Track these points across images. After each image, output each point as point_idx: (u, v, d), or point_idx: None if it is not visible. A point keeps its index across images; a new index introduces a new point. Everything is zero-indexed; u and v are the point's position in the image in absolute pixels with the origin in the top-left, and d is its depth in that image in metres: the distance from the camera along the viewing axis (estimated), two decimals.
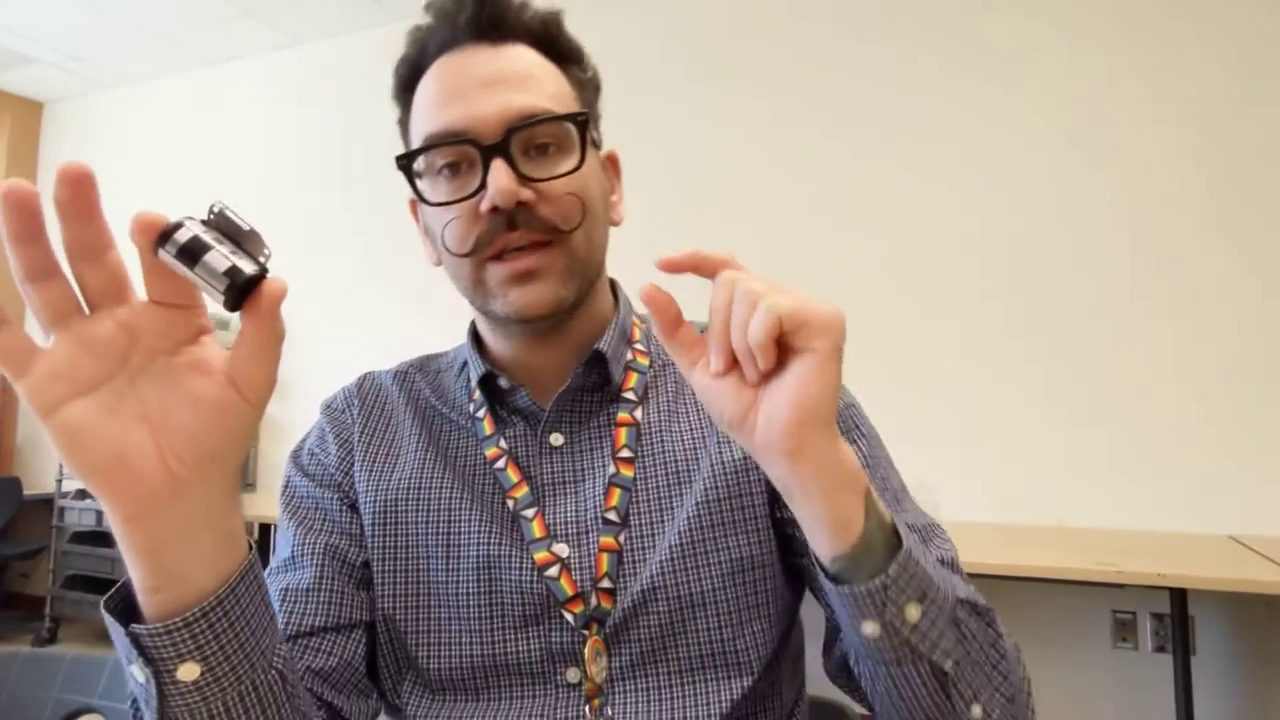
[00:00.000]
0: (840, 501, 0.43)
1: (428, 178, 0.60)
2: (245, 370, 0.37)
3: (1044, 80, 2.41)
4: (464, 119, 0.57)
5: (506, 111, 0.57)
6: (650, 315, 0.44)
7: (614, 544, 0.60)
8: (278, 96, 3.73)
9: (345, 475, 0.65)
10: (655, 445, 0.63)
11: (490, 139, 0.56)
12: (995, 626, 0.53)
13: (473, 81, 0.58)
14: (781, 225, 2.71)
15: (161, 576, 0.38)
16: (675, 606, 0.58)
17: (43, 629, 3.44)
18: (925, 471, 2.29)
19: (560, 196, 0.58)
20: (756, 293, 0.41)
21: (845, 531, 0.44)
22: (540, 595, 0.59)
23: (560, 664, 0.58)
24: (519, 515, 0.61)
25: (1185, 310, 2.22)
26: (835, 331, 0.41)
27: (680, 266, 0.43)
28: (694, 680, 0.58)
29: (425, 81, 0.61)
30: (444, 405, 0.68)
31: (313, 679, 0.57)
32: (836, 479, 0.43)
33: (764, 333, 0.40)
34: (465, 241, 0.58)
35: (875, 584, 0.44)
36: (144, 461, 0.35)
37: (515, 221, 0.57)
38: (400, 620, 0.61)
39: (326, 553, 0.62)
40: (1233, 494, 2.12)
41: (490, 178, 0.55)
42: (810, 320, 0.40)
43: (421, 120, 0.60)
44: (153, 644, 0.39)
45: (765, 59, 2.79)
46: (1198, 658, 2.02)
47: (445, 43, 0.61)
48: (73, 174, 0.32)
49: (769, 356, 0.41)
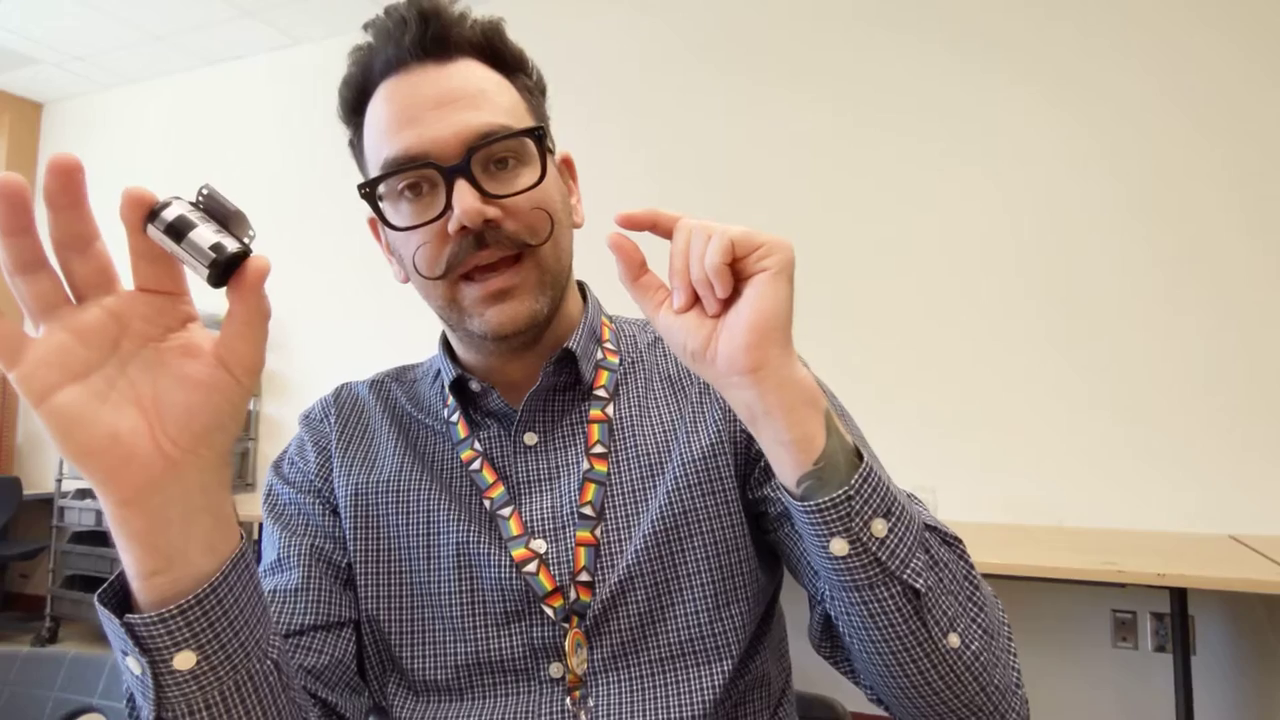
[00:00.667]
0: (801, 419, 0.46)
1: (389, 201, 0.60)
2: (234, 348, 0.37)
3: (1070, 76, 2.41)
4: (422, 142, 0.57)
5: (464, 131, 0.57)
6: (616, 261, 0.48)
7: (590, 538, 0.61)
8: (278, 96, 3.73)
9: (325, 482, 0.67)
10: (627, 440, 0.65)
11: (450, 160, 0.57)
12: (966, 559, 0.54)
13: (426, 103, 0.58)
14: (797, 217, 2.71)
15: (159, 559, 0.39)
16: (653, 594, 0.60)
17: (43, 629, 3.44)
18: (926, 471, 2.30)
19: (526, 211, 0.59)
20: (709, 228, 0.45)
21: (807, 448, 0.46)
22: (520, 591, 0.59)
23: (543, 659, 0.59)
24: (495, 514, 0.62)
25: (1185, 311, 2.22)
26: (784, 250, 0.44)
27: (638, 222, 0.47)
28: (674, 668, 0.59)
29: (375, 104, 0.61)
30: (419, 412, 0.69)
31: (305, 677, 0.58)
32: (796, 396, 0.45)
33: (719, 255, 0.44)
34: (436, 264, 0.58)
35: (839, 494, 0.45)
36: (138, 443, 0.36)
37: (484, 240, 0.57)
38: (384, 623, 0.62)
39: (312, 554, 0.63)
40: (1233, 494, 2.12)
41: (455, 199, 0.56)
42: (762, 241, 0.44)
43: (377, 144, 0.60)
44: (148, 633, 0.39)
45: (789, 49, 2.79)
46: (1198, 657, 2.02)
47: (391, 62, 0.60)
48: (62, 165, 0.32)
49: (725, 281, 0.44)
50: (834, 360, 2.46)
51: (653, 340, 0.72)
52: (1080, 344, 2.32)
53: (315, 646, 0.59)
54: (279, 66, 3.75)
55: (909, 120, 2.57)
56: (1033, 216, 2.40)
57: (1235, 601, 2.07)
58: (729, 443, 0.63)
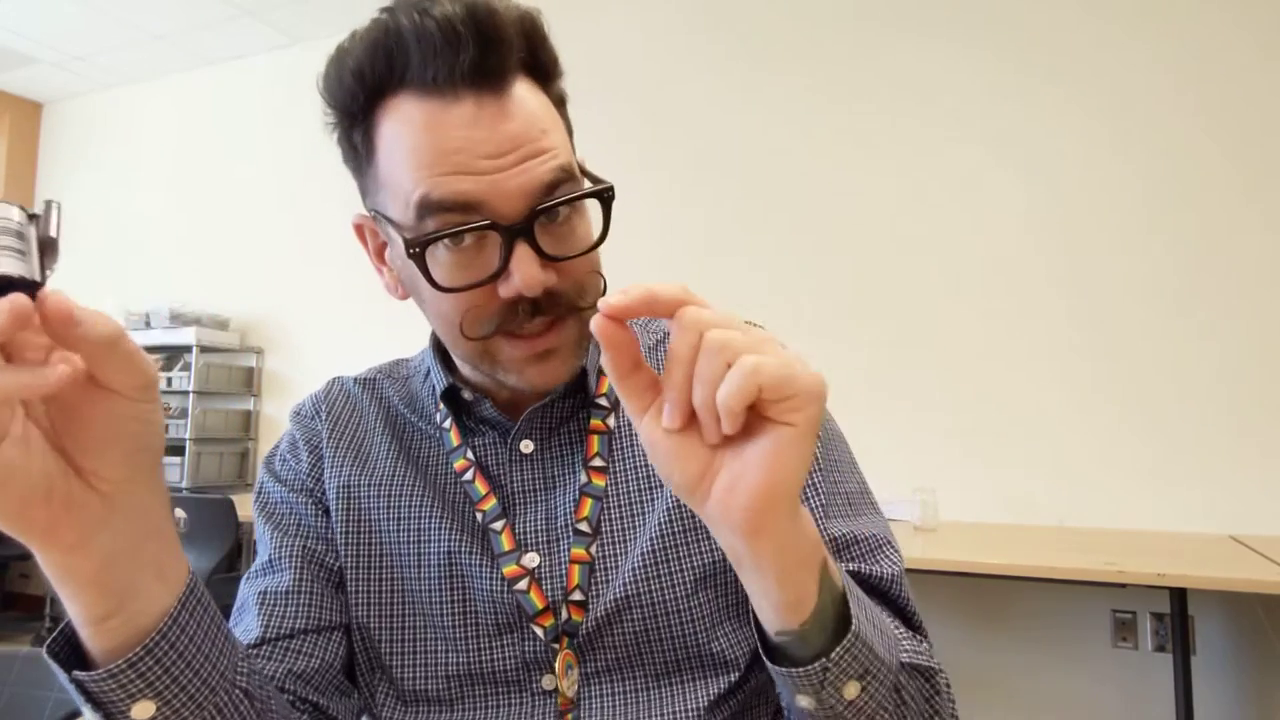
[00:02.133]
0: (795, 580, 0.40)
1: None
2: (106, 376, 0.34)
3: (1088, 77, 2.41)
4: (480, 193, 0.49)
5: (529, 185, 0.50)
6: (603, 352, 0.38)
7: (585, 555, 0.58)
8: (278, 96, 3.73)
9: (316, 481, 0.65)
10: (626, 452, 0.62)
11: (511, 218, 0.49)
12: (934, 682, 0.51)
13: (482, 149, 0.49)
14: (809, 216, 2.71)
15: (111, 600, 0.37)
16: (648, 615, 0.57)
17: (43, 629, 3.44)
18: (927, 471, 2.30)
19: (583, 274, 0.54)
20: (731, 347, 0.35)
21: (797, 610, 0.41)
22: (511, 607, 0.58)
23: (535, 671, 0.58)
24: (488, 528, 0.60)
25: (1185, 313, 2.22)
26: (816, 402, 0.36)
27: (632, 312, 0.37)
28: (669, 684, 0.57)
29: (407, 123, 0.50)
30: (412, 413, 0.67)
31: (294, 681, 0.56)
32: (793, 558, 0.40)
33: (739, 398, 0.35)
34: (484, 326, 0.53)
35: (815, 666, 0.41)
36: (72, 486, 0.35)
37: (539, 307, 0.52)
38: (374, 629, 0.60)
39: (304, 556, 0.61)
40: (1233, 494, 2.12)
41: (515, 265, 0.49)
42: (796, 391, 0.35)
43: (410, 176, 0.50)
44: (99, 689, 0.38)
45: (802, 43, 2.79)
46: (1198, 657, 2.02)
47: (437, 81, 0.49)
48: None
49: (737, 423, 0.36)
50: (838, 359, 2.47)
51: (654, 344, 0.68)
52: (1082, 345, 2.32)
53: (305, 650, 0.58)
54: (279, 66, 3.75)
55: (919, 120, 2.57)
56: (1039, 221, 2.40)
57: (1235, 601, 2.07)
58: None
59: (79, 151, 4.29)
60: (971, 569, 1.80)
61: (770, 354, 0.35)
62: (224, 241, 3.78)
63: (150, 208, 4.02)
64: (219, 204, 3.82)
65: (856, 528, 0.58)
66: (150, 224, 4.00)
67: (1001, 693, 2.28)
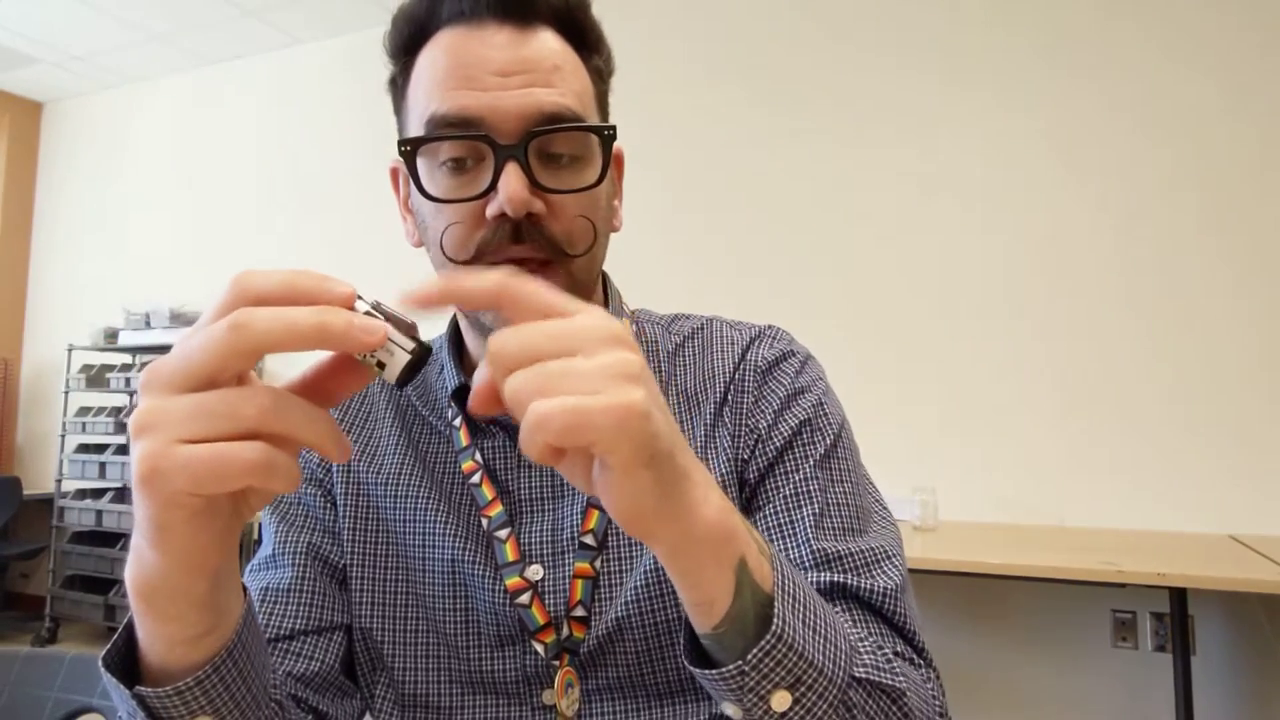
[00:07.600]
0: (702, 581, 0.39)
1: (426, 160, 0.54)
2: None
3: (1052, 102, 2.42)
4: (480, 108, 0.51)
5: (529, 108, 0.51)
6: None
7: (589, 570, 0.57)
8: (278, 96, 3.73)
9: (325, 472, 0.64)
10: None
11: (507, 138, 0.51)
12: (902, 704, 0.46)
13: (492, 66, 0.52)
14: (804, 219, 2.71)
15: (213, 617, 0.38)
16: (651, 634, 0.56)
17: (43, 629, 3.43)
18: (926, 471, 2.30)
19: (572, 217, 0.54)
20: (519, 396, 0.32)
21: (708, 613, 0.39)
22: (513, 620, 0.57)
23: (535, 686, 0.57)
24: (492, 536, 0.59)
25: (1186, 313, 2.22)
26: (626, 444, 0.32)
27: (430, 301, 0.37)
28: (672, 704, 0.56)
29: (433, 50, 0.54)
30: (424, 406, 0.66)
31: (293, 684, 0.56)
32: (695, 559, 0.38)
33: (536, 452, 0.32)
34: (465, 248, 0.53)
35: (730, 669, 0.39)
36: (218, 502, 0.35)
37: (521, 234, 0.52)
38: (377, 629, 0.60)
39: (308, 552, 0.61)
40: (1233, 494, 2.12)
41: (502, 182, 0.50)
42: (593, 438, 0.32)
43: (426, 95, 0.53)
44: (161, 704, 0.38)
45: (783, 65, 2.79)
46: (1198, 657, 2.02)
47: (463, 12, 0.53)
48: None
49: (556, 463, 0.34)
50: (836, 360, 2.45)
51: (675, 349, 0.66)
52: (1082, 345, 2.32)
53: (305, 652, 0.57)
54: (279, 66, 3.75)
55: (905, 132, 2.58)
56: (1034, 220, 2.41)
57: (1235, 601, 2.07)
58: (735, 474, 0.60)
59: (79, 151, 4.29)
60: (971, 569, 1.80)
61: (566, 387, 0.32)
62: (224, 241, 3.78)
63: (150, 207, 4.02)
64: (219, 204, 3.82)
65: (852, 541, 0.56)
66: (150, 224, 4.00)
67: (1001, 693, 2.28)
